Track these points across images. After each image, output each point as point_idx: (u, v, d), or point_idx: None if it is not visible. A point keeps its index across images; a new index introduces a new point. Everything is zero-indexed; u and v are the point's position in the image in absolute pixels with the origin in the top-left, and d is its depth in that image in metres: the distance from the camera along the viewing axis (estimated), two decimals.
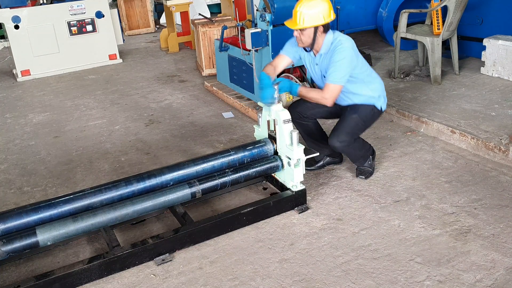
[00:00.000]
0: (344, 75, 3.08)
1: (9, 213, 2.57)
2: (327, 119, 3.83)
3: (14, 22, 6.45)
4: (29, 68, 6.70)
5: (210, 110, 5.03)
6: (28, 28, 6.54)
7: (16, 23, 6.46)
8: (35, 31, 6.59)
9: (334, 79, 3.08)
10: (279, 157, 3.16)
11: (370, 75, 3.35)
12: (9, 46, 6.67)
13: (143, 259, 2.69)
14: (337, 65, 3.06)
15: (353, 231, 2.88)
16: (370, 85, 3.32)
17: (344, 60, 3.06)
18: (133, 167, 3.88)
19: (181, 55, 7.46)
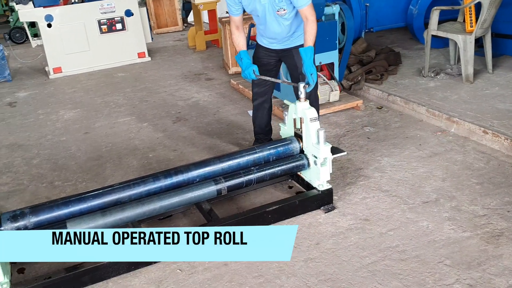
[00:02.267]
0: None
1: (41, 206, 2.64)
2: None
3: (47, 20, 6.61)
4: (61, 66, 6.86)
5: (236, 108, 5.04)
6: (60, 27, 6.70)
7: (49, 21, 6.63)
8: (66, 30, 6.75)
9: (302, 2, 3.10)
10: (305, 156, 3.14)
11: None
12: (42, 44, 6.85)
13: None
14: None
15: (380, 232, 2.84)
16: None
17: None
18: (160, 163, 3.93)
19: (208, 53, 7.51)
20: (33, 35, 7.68)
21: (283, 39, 3.40)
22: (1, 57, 6.68)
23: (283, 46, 3.45)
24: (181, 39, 8.72)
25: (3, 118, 5.33)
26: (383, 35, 6.87)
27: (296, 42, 3.43)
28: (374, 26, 5.90)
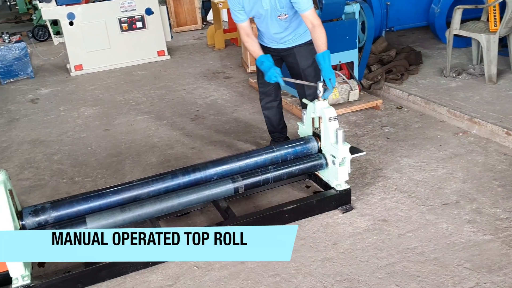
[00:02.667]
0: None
1: (61, 201, 2.68)
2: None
3: (69, 18, 6.71)
4: (82, 63, 6.96)
5: (254, 107, 5.04)
6: (81, 25, 6.80)
7: (71, 19, 6.72)
8: (88, 28, 6.84)
9: (304, 7, 3.09)
10: (323, 155, 3.12)
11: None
12: (64, 42, 6.95)
13: None
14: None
15: (399, 233, 2.80)
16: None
17: None
18: (178, 160, 3.95)
19: (227, 51, 7.53)
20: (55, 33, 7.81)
21: (283, 39, 3.40)
22: (24, 55, 6.80)
23: (283, 45, 3.45)
24: (200, 37, 8.76)
25: (25, 114, 5.43)
26: (404, 34, 6.79)
27: (297, 41, 3.42)
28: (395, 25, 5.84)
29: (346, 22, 4.52)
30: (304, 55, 3.44)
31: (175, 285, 2.53)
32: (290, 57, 3.50)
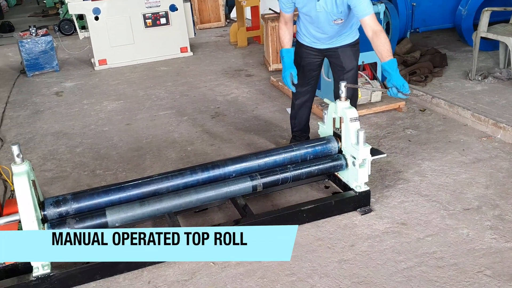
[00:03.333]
0: (368, 3, 2.98)
1: (82, 193, 2.72)
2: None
3: (95, 13, 6.81)
4: (106, 58, 7.05)
5: (275, 105, 5.03)
6: (106, 20, 6.88)
7: (96, 14, 6.82)
8: (113, 23, 6.92)
9: (364, 11, 2.98)
10: (343, 156, 3.10)
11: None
12: (89, 36, 7.05)
13: None
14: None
15: (418, 237, 2.77)
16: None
17: None
18: (198, 157, 3.98)
19: (249, 49, 7.53)
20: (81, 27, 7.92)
21: (328, 38, 3.36)
22: (50, 48, 6.92)
23: (327, 45, 3.40)
24: (223, 35, 8.78)
25: (50, 107, 5.53)
26: (429, 36, 6.69)
27: (342, 41, 3.38)
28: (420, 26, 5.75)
29: None
30: (349, 56, 3.38)
31: (191, 280, 2.55)
32: (335, 58, 3.44)
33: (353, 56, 3.40)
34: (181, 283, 2.53)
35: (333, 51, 3.41)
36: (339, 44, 3.38)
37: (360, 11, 2.99)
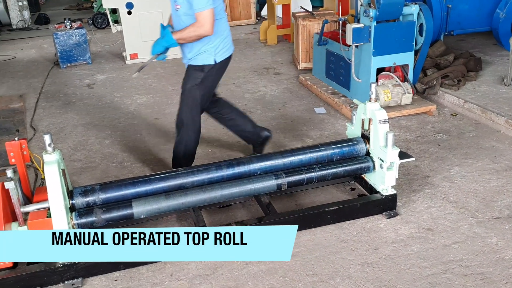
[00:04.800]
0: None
1: (110, 184, 2.77)
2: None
3: (128, 8, 6.90)
4: (137, 52, 7.14)
5: (302, 104, 5.01)
6: (139, 14, 6.97)
7: (129, 9, 6.91)
8: (145, 17, 7.00)
9: (198, 5, 2.87)
10: (370, 158, 3.06)
11: (219, 17, 3.08)
12: (121, 30, 7.16)
13: None
14: None
15: (444, 244, 2.71)
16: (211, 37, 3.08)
17: None
18: (223, 153, 3.99)
19: (278, 47, 7.51)
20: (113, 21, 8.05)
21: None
22: (84, 41, 7.06)
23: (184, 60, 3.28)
24: (253, 32, 8.78)
25: (81, 99, 5.65)
26: (464, 39, 6.52)
27: (191, 61, 3.21)
28: (455, 29, 5.62)
29: (403, 23, 4.39)
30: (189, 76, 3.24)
31: (213, 275, 2.57)
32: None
33: (190, 79, 3.22)
34: (202, 277, 2.55)
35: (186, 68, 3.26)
36: (188, 62, 3.22)
37: (195, 4, 2.89)
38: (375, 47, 4.33)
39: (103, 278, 2.58)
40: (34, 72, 6.86)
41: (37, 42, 8.99)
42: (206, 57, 3.15)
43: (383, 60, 4.44)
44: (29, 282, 2.48)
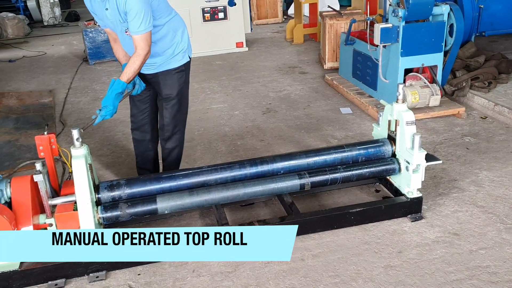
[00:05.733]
0: (143, 19, 2.67)
1: (135, 179, 2.81)
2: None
3: None
4: None
5: (328, 104, 4.97)
6: None
7: None
8: None
9: (135, 29, 2.69)
10: (396, 160, 3.01)
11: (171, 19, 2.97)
12: None
13: None
14: (131, 10, 2.65)
15: (470, 249, 2.65)
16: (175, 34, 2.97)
17: (135, 1, 2.63)
18: (247, 151, 4.00)
19: (305, 46, 7.48)
20: None
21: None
22: None
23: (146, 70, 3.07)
24: (279, 31, 8.76)
25: None
26: (497, 40, 6.36)
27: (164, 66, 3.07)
28: (487, 30, 5.47)
29: (433, 23, 4.32)
30: (169, 84, 3.09)
31: (234, 272, 2.57)
32: (155, 85, 3.14)
33: (174, 83, 3.09)
34: (224, 275, 2.56)
35: (155, 77, 3.07)
36: (160, 69, 3.05)
37: (132, 27, 2.71)
38: (403, 48, 4.27)
39: (126, 271, 2.61)
40: (63, 68, 7.02)
41: (67, 39, 9.19)
42: (182, 56, 3.10)
43: (411, 60, 4.37)
44: (55, 273, 2.53)
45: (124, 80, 2.79)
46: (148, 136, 3.33)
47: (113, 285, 2.53)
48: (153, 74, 3.07)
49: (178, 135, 3.29)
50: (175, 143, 3.30)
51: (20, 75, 6.78)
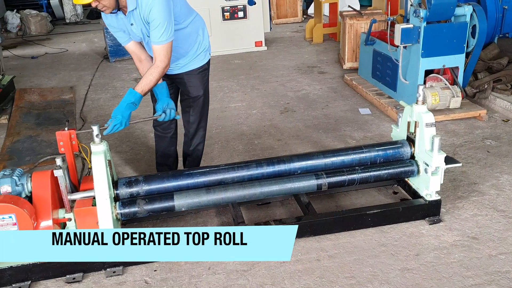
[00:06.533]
0: (165, 29, 2.65)
1: (153, 176, 2.84)
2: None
3: None
4: None
5: (347, 105, 4.94)
6: None
7: None
8: None
9: (156, 39, 2.67)
10: (415, 162, 2.98)
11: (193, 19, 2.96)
12: None
13: None
14: (154, 20, 2.63)
15: (490, 254, 2.60)
16: (197, 34, 2.98)
17: (158, 11, 2.61)
18: (264, 150, 4.00)
19: (324, 46, 7.44)
20: None
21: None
22: None
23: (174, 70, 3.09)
24: (299, 30, 8.74)
25: None
26: None
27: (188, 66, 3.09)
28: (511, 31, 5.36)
29: (455, 24, 4.25)
30: (195, 84, 3.13)
31: (249, 271, 2.58)
32: (181, 85, 3.17)
33: (199, 83, 3.13)
34: (239, 273, 2.57)
35: (180, 77, 3.09)
36: (184, 70, 3.07)
37: (151, 36, 2.70)
38: (424, 49, 4.22)
39: (143, 267, 2.64)
40: (84, 65, 7.12)
41: (88, 36, 9.31)
42: (204, 55, 3.14)
43: (432, 62, 4.31)
44: (73, 267, 2.57)
45: (139, 91, 2.73)
46: (170, 133, 3.38)
47: (130, 281, 2.56)
48: (178, 75, 3.11)
49: (202, 131, 3.36)
50: (200, 139, 3.37)
51: (42, 71, 6.91)
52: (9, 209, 2.37)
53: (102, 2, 2.57)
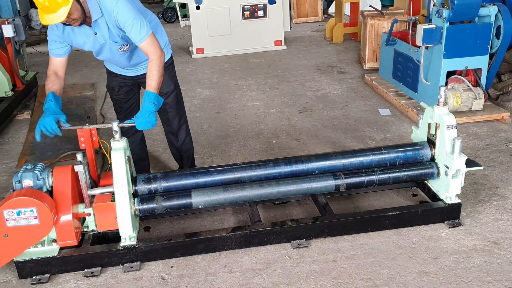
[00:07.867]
0: (141, 25, 2.63)
1: (171, 173, 2.86)
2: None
3: (197, 3, 7.06)
4: (203, 47, 7.30)
5: (366, 105, 4.90)
6: (207, 10, 7.11)
7: (198, 4, 7.07)
8: (212, 13, 7.14)
9: (138, 37, 2.65)
10: (435, 164, 2.94)
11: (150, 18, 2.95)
12: (189, 25, 7.34)
13: (281, 239, 2.76)
14: (125, 22, 2.62)
15: (511, 259, 2.55)
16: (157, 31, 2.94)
17: (125, 12, 2.61)
18: (282, 150, 3.99)
19: (344, 46, 7.39)
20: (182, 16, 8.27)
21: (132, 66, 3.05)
22: None
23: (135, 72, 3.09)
24: (319, 29, 8.70)
25: None
26: None
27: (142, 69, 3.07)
28: None
29: (479, 25, 4.18)
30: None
31: (265, 270, 2.58)
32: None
33: (168, 78, 3.06)
34: (255, 272, 2.57)
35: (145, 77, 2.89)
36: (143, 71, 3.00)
37: (134, 37, 2.67)
38: (447, 49, 4.16)
39: (160, 263, 2.66)
40: None
41: None
42: (166, 50, 3.10)
43: (455, 63, 4.25)
44: (91, 261, 2.61)
45: (152, 90, 2.69)
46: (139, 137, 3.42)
47: (147, 276, 2.58)
48: (144, 74, 2.91)
49: (185, 124, 3.37)
50: (186, 133, 3.38)
51: None
52: (30, 202, 2.41)
53: (72, 17, 2.55)
